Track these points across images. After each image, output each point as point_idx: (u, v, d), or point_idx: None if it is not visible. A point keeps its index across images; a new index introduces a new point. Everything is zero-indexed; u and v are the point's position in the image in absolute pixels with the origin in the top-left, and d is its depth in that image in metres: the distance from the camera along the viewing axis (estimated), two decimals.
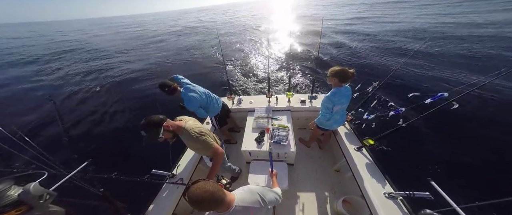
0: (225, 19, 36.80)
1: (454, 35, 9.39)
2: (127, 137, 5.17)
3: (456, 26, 11.25)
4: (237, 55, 11.27)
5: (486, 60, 6.60)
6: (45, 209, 1.10)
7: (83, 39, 27.15)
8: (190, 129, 1.69)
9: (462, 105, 1.62)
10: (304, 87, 6.55)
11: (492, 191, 2.96)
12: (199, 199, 0.90)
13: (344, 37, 11.65)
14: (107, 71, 10.70)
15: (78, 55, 16.26)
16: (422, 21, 12.94)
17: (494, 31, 9.41)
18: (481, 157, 3.47)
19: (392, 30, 12.02)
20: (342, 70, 1.97)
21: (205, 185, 0.94)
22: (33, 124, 6.28)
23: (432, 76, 6.04)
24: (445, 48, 7.98)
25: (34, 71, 12.41)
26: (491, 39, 8.48)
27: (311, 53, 9.71)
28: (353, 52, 9.17)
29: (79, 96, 7.87)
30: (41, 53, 18.30)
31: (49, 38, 32.55)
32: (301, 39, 12.76)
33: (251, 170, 2.42)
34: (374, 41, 10.32)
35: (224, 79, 7.30)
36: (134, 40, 21.92)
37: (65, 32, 45.72)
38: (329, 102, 2.13)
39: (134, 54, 14.38)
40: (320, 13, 21.71)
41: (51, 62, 14.45)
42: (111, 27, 50.59)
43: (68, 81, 9.74)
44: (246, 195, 1.14)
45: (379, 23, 14.12)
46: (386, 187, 1.85)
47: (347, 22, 16.17)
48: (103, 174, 1.58)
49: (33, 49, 22.04)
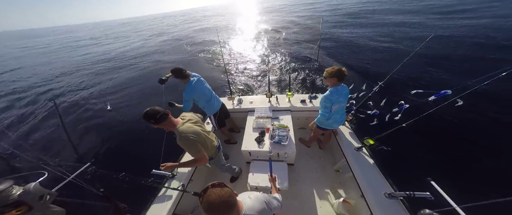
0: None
1: (457, 33, 9.36)
2: (127, 136, 5.17)
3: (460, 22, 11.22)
4: (237, 56, 11.28)
5: (490, 60, 6.57)
6: (45, 209, 1.10)
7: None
8: (181, 131, 1.66)
9: (464, 104, 1.61)
10: (303, 88, 6.56)
11: (492, 191, 2.96)
12: (215, 206, 0.88)
13: (343, 37, 11.64)
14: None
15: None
16: (423, 19, 12.90)
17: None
18: (481, 156, 3.47)
19: (396, 26, 12.00)
20: (339, 70, 2.03)
21: (223, 194, 0.92)
22: (33, 124, 6.30)
23: (437, 73, 6.03)
24: (449, 46, 7.95)
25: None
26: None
27: (311, 53, 9.71)
28: (353, 52, 9.17)
29: (80, 96, 7.89)
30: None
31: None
32: (301, 39, 12.75)
33: (251, 170, 2.42)
34: (376, 38, 10.31)
35: (224, 79, 7.31)
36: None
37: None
38: (328, 101, 2.15)
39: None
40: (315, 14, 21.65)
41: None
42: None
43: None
44: (255, 203, 1.14)
45: (379, 20, 14.11)
46: (386, 187, 1.85)
47: (347, 21, 16.16)
48: (112, 174, 1.59)
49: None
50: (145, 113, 1.54)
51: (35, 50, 27.89)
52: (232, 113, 3.33)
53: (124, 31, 40.54)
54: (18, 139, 5.47)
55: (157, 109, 1.57)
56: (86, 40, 31.74)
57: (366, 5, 22.25)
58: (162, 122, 1.59)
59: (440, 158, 3.55)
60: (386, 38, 10.10)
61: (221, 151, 2.26)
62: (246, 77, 8.17)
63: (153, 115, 1.53)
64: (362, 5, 22.71)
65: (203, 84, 2.65)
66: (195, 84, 2.50)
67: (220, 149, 2.23)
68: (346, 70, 2.03)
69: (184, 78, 2.42)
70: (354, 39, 10.82)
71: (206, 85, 2.70)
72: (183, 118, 1.85)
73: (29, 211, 1.00)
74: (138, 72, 10.68)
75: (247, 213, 1.06)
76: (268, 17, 26.40)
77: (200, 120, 2.00)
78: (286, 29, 16.69)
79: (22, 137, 5.75)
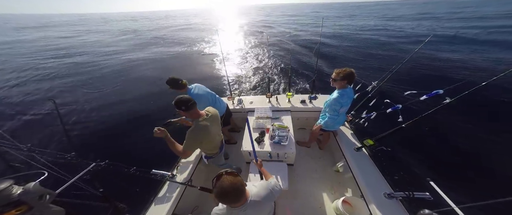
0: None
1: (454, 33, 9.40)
2: (128, 137, 5.17)
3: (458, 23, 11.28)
4: (237, 56, 11.29)
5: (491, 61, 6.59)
6: (45, 209, 1.10)
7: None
8: (196, 126, 1.76)
9: (462, 104, 1.61)
10: (303, 88, 6.57)
11: (492, 191, 2.96)
12: (227, 191, 0.96)
13: (343, 36, 11.66)
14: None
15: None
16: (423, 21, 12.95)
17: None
18: (481, 156, 3.48)
19: (394, 29, 12.03)
20: (351, 72, 1.99)
21: (236, 182, 1.00)
22: (33, 124, 6.28)
23: (431, 75, 6.06)
24: (445, 48, 7.99)
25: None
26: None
27: (311, 53, 9.72)
28: (353, 51, 9.18)
29: (80, 97, 7.87)
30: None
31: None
32: (301, 39, 12.77)
33: (251, 170, 2.42)
34: (374, 41, 10.33)
35: (224, 80, 7.32)
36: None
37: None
38: (337, 104, 2.14)
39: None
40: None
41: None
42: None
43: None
44: (260, 190, 1.22)
45: (380, 22, 14.14)
46: (385, 187, 1.85)
47: (347, 19, 16.19)
48: (123, 167, 1.61)
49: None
50: (178, 99, 1.64)
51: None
52: (232, 113, 3.33)
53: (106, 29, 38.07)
54: (18, 139, 5.45)
55: (187, 97, 1.67)
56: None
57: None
58: (191, 110, 1.69)
59: (439, 158, 3.56)
60: (386, 38, 10.12)
61: (223, 151, 2.27)
62: (246, 77, 8.18)
63: (186, 101, 1.64)
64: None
65: (204, 91, 2.60)
66: (195, 93, 2.45)
67: (223, 150, 2.25)
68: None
69: (181, 88, 2.34)
70: (354, 39, 10.84)
71: (207, 90, 2.66)
72: (208, 112, 1.91)
73: (29, 211, 1.00)
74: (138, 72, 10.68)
75: (253, 199, 1.14)
76: (266, 18, 26.47)
77: (219, 119, 2.09)
78: (286, 30, 16.71)
79: (22, 137, 5.75)
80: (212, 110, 2.00)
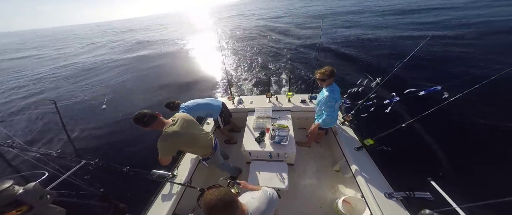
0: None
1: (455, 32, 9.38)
2: (128, 136, 5.17)
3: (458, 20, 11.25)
4: (236, 56, 11.28)
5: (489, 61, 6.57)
6: (46, 209, 1.10)
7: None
8: (164, 134, 1.71)
9: (462, 104, 1.61)
10: (303, 88, 6.56)
11: (492, 191, 2.96)
12: (212, 205, 0.88)
13: (343, 36, 11.64)
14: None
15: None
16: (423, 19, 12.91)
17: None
18: (481, 156, 3.47)
19: (394, 26, 12.01)
20: (333, 69, 2.14)
21: (219, 192, 0.92)
22: (33, 125, 6.29)
23: (432, 73, 6.04)
24: (446, 46, 7.97)
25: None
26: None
27: (310, 53, 9.71)
28: (353, 50, 9.17)
29: (79, 96, 7.88)
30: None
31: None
32: (301, 39, 12.76)
33: (251, 170, 2.42)
34: (374, 38, 10.31)
35: (224, 80, 7.31)
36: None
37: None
38: (332, 100, 2.20)
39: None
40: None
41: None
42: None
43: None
44: (261, 205, 1.15)
45: (379, 19, 14.13)
46: (386, 187, 1.85)
47: (347, 19, 16.18)
48: (116, 167, 1.60)
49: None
50: (134, 118, 1.59)
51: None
52: (232, 113, 3.33)
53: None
54: (17, 138, 5.49)
55: (144, 112, 1.61)
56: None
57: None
58: (151, 124, 1.62)
59: (440, 158, 3.55)
60: (385, 38, 10.12)
61: (218, 150, 2.26)
62: (246, 77, 8.17)
63: (140, 118, 1.58)
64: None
65: (195, 105, 2.67)
66: (185, 105, 2.61)
67: (217, 149, 2.24)
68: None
69: (173, 110, 2.52)
70: (354, 39, 10.83)
71: (199, 101, 2.74)
72: (174, 119, 1.85)
73: (30, 211, 1.00)
74: (136, 72, 10.70)
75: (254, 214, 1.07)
76: (264, 19, 26.45)
77: (193, 121, 2.04)
78: (286, 30, 16.70)
79: (22, 136, 5.76)
80: (179, 114, 1.97)
